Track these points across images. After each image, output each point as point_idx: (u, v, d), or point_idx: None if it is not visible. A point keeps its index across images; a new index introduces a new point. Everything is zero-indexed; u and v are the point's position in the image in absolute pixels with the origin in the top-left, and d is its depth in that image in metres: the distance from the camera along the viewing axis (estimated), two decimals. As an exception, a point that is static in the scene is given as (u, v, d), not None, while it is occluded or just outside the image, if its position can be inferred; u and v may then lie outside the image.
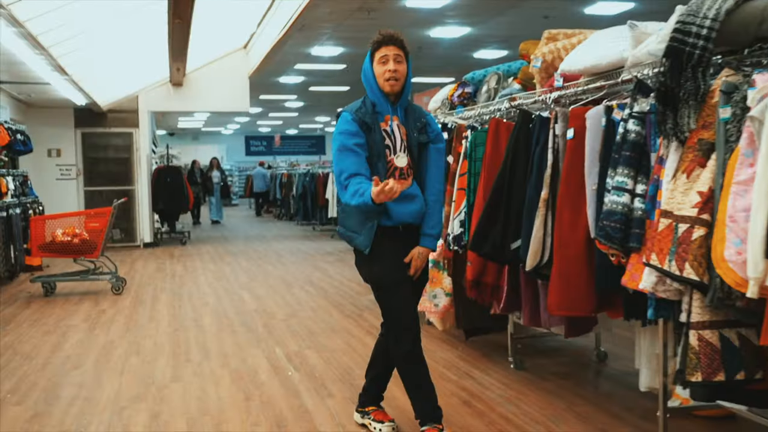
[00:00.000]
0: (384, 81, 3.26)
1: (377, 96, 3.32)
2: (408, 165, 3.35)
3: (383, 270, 3.33)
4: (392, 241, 3.34)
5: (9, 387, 4.50)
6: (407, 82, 3.33)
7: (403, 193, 3.24)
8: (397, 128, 3.35)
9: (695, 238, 2.54)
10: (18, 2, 5.70)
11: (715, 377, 2.61)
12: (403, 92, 3.35)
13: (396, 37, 3.29)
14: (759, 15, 2.58)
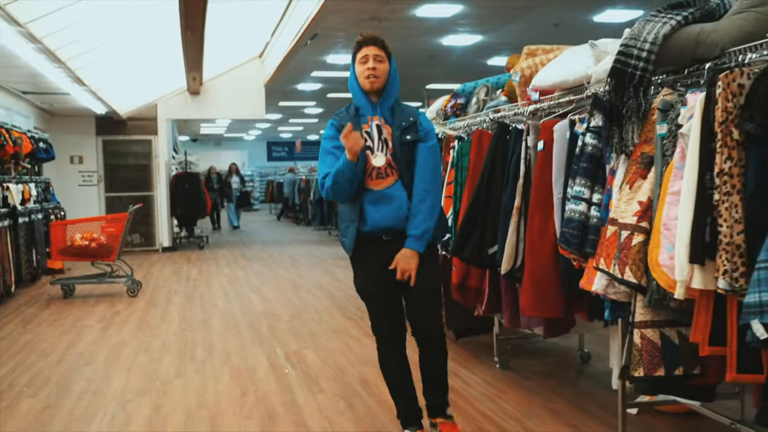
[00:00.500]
0: (364, 79, 3.28)
1: (360, 98, 3.35)
2: (387, 164, 3.31)
3: (360, 281, 3.45)
4: (375, 251, 3.35)
5: (25, 381, 4.81)
6: (391, 82, 3.34)
7: (380, 195, 3.29)
8: (377, 129, 3.34)
9: (635, 244, 2.77)
10: (36, 20, 6.05)
11: (655, 372, 2.82)
12: (385, 91, 3.35)
13: (376, 37, 3.33)
14: (694, 40, 2.80)
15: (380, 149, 3.33)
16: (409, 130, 3.34)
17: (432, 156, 3.36)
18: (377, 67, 3.29)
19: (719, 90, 2.39)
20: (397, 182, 3.32)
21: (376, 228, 3.34)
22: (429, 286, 3.40)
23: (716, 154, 2.38)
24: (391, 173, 3.32)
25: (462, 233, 4.27)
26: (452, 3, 10.44)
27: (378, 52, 3.32)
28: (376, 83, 3.30)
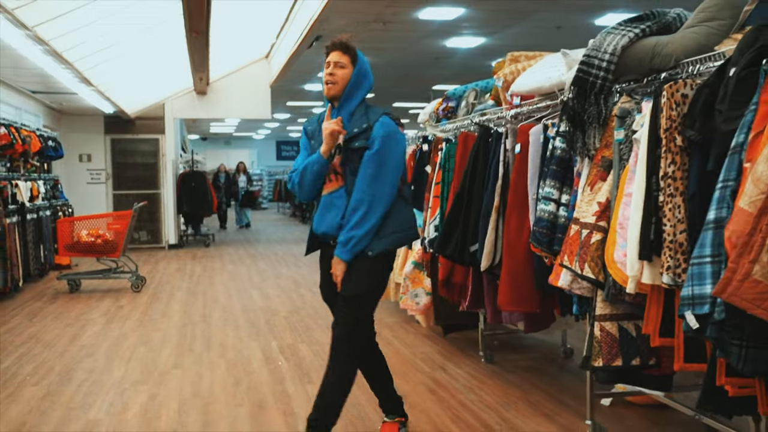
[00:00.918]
0: (324, 84, 3.32)
1: (327, 103, 3.40)
2: (332, 170, 3.33)
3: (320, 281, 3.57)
4: (325, 254, 3.45)
5: (29, 370, 5.04)
6: (351, 87, 3.32)
7: (325, 199, 3.35)
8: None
9: (593, 242, 2.95)
10: (43, 24, 6.27)
11: (613, 362, 3.01)
12: (344, 96, 3.33)
13: (339, 43, 3.33)
14: (650, 51, 2.98)
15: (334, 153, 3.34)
16: (360, 136, 3.27)
17: (373, 164, 3.23)
18: (335, 73, 3.29)
19: (664, 99, 2.57)
20: (340, 189, 3.32)
21: (317, 232, 3.41)
22: (347, 291, 3.30)
23: (661, 159, 2.56)
24: (335, 179, 3.33)
25: (445, 231, 4.46)
26: (454, 6, 10.58)
27: (340, 59, 3.30)
28: (332, 89, 3.30)
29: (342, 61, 3.31)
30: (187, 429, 3.84)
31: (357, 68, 3.35)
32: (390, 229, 3.29)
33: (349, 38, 3.38)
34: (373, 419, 3.96)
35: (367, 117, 3.31)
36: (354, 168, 3.28)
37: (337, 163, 3.32)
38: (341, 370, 3.36)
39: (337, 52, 3.33)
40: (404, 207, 3.38)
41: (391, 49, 13.47)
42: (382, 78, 16.77)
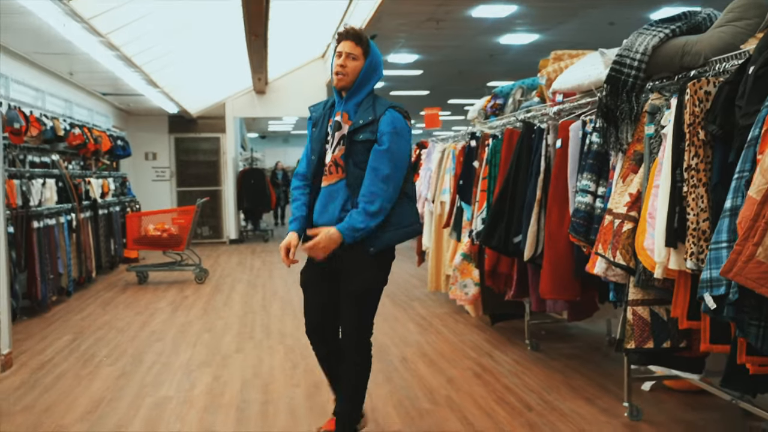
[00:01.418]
0: (333, 74, 3.22)
1: (335, 91, 3.31)
2: (332, 162, 3.26)
3: (302, 271, 3.46)
4: None
5: (105, 353, 5.44)
6: (361, 80, 3.22)
7: (324, 191, 3.28)
8: (336, 125, 3.27)
9: (624, 231, 3.14)
10: (115, 31, 6.71)
11: (645, 345, 3.18)
12: (354, 88, 3.23)
13: (353, 33, 3.23)
14: (680, 50, 3.14)
15: (332, 146, 3.27)
16: (364, 129, 3.18)
17: (384, 161, 3.16)
18: (347, 65, 3.18)
19: (687, 96, 2.74)
20: (340, 181, 3.25)
21: (316, 223, 3.31)
22: (355, 288, 3.24)
23: (685, 152, 2.74)
24: (336, 171, 3.26)
25: (490, 223, 4.67)
26: (507, 3, 10.70)
27: (352, 50, 3.20)
28: (342, 81, 3.20)
29: (354, 53, 3.20)
30: (249, 405, 4.16)
31: (368, 61, 3.23)
32: (391, 226, 3.21)
33: (362, 29, 3.27)
34: (423, 401, 4.20)
35: (374, 110, 3.22)
36: (357, 160, 3.21)
37: (339, 155, 3.23)
38: (365, 360, 3.37)
39: (350, 42, 3.20)
40: (406, 203, 3.28)
41: (445, 46, 13.66)
42: (437, 75, 17.03)
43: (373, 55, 3.25)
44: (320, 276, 3.34)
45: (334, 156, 3.24)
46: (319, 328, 3.40)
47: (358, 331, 3.29)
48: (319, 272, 3.33)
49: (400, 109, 3.26)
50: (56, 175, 7.84)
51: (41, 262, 6.84)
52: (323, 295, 3.36)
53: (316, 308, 3.40)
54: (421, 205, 7.42)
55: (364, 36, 3.24)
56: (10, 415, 4.05)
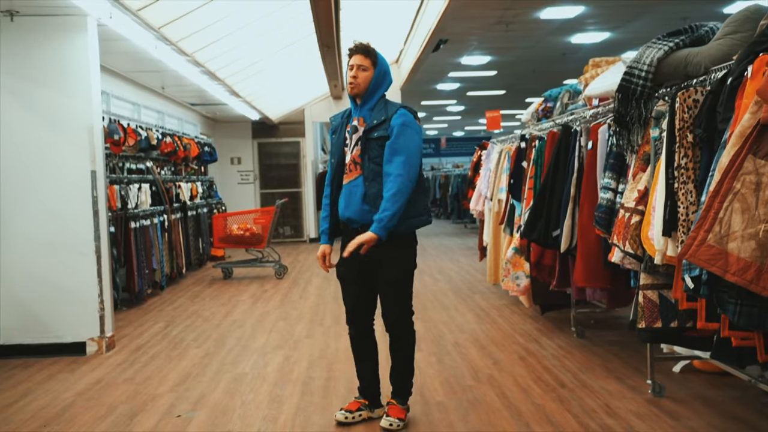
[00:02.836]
0: (348, 85, 3.66)
1: (350, 100, 3.74)
2: (351, 161, 3.68)
3: (338, 264, 3.84)
4: (346, 236, 3.78)
5: (193, 337, 6.15)
6: (373, 87, 3.63)
7: (346, 188, 3.70)
8: (353, 128, 3.70)
9: (632, 223, 3.53)
10: (200, 50, 7.45)
11: (654, 324, 3.57)
12: (366, 95, 3.64)
13: (361, 47, 3.64)
14: (683, 61, 3.50)
15: (350, 148, 3.71)
16: (378, 127, 3.60)
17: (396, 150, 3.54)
18: (358, 76, 3.60)
19: (678, 104, 3.13)
20: (358, 177, 3.64)
21: (343, 218, 3.74)
22: (388, 277, 3.68)
23: (675, 153, 3.12)
24: (355, 169, 3.67)
25: (530, 219, 5.10)
26: (574, 5, 10.92)
27: (362, 62, 3.61)
28: (354, 89, 3.63)
29: (364, 65, 3.61)
30: (313, 381, 4.73)
31: (378, 70, 3.64)
32: (405, 217, 3.61)
33: (368, 43, 3.69)
34: (469, 380, 4.67)
35: (386, 110, 3.64)
36: (372, 156, 3.61)
37: (357, 154, 3.64)
38: (410, 337, 3.86)
39: (359, 55, 3.63)
40: (419, 194, 3.67)
41: (516, 48, 13.95)
42: (511, 75, 17.31)
43: (381, 65, 3.67)
44: (355, 269, 3.75)
45: (353, 156, 3.67)
46: (357, 316, 3.86)
47: (400, 312, 3.78)
48: (353, 266, 3.73)
49: (409, 108, 3.69)
50: (150, 180, 8.66)
51: (138, 259, 7.64)
52: (359, 286, 3.80)
53: (353, 298, 3.85)
54: (482, 203, 7.86)
55: (372, 49, 3.67)
56: (115, 385, 4.76)
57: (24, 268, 5.57)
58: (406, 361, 3.87)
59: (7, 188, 5.53)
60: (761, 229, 2.38)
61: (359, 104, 3.70)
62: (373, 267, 3.72)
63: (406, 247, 3.74)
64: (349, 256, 3.64)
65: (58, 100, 5.56)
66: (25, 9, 5.41)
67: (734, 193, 2.42)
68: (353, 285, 3.83)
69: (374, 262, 3.68)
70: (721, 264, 2.45)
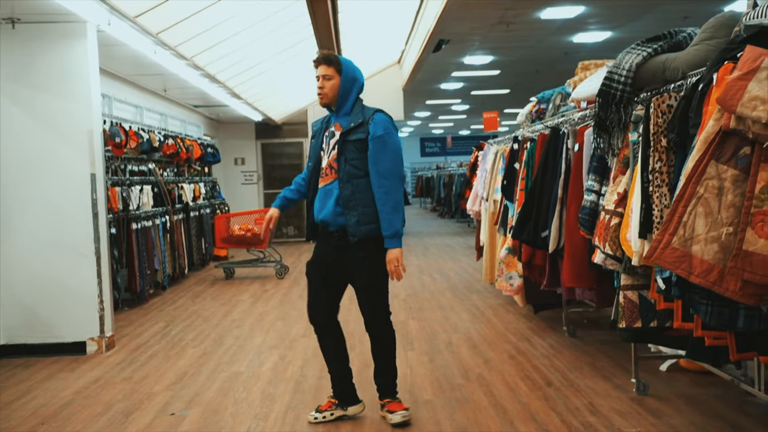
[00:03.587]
0: (317, 95, 3.78)
1: (327, 109, 3.85)
2: (328, 165, 3.77)
3: (308, 263, 4.01)
4: (324, 240, 3.89)
5: (191, 337, 6.26)
6: (343, 93, 3.72)
7: (321, 191, 3.81)
8: (330, 134, 3.82)
9: (612, 225, 3.61)
10: (199, 54, 7.56)
11: (634, 324, 3.65)
12: (339, 101, 3.75)
13: (322, 57, 3.74)
14: (661, 66, 3.58)
15: (326, 152, 3.82)
16: (356, 130, 3.71)
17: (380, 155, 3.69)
18: (324, 86, 3.72)
19: (652, 109, 3.21)
20: (334, 181, 3.75)
21: (317, 220, 3.88)
22: (366, 283, 3.84)
23: (650, 157, 3.20)
24: (330, 173, 3.77)
25: (519, 220, 5.18)
26: (574, 5, 10.95)
27: (326, 71, 3.71)
28: (324, 99, 3.76)
29: (328, 74, 3.71)
30: (306, 380, 4.83)
31: (343, 76, 3.72)
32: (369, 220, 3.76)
33: (330, 52, 3.82)
34: (459, 379, 4.76)
35: (363, 113, 3.75)
36: (349, 158, 3.70)
37: (333, 159, 3.75)
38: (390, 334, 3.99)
39: (322, 66, 3.73)
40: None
41: (518, 47, 14.00)
42: (514, 75, 17.36)
43: (346, 70, 3.73)
44: (324, 269, 3.92)
45: (329, 161, 3.78)
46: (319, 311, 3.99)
47: (378, 314, 3.95)
48: (323, 266, 3.91)
49: (384, 112, 3.82)
50: (152, 181, 8.79)
51: (140, 260, 7.76)
52: (325, 285, 3.94)
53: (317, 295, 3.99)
54: (478, 203, 7.94)
55: (333, 57, 3.76)
56: (112, 384, 4.88)
57: (26, 269, 5.70)
58: (389, 360, 4.00)
59: (8, 190, 5.65)
60: (723, 233, 2.46)
61: (335, 111, 3.82)
62: (344, 272, 3.86)
63: (377, 250, 3.80)
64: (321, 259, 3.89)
65: (59, 104, 5.68)
66: (27, 16, 5.52)
67: (698, 198, 2.50)
68: (319, 284, 3.96)
69: (345, 267, 3.85)
70: (686, 266, 2.53)
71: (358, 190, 3.72)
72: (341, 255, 3.82)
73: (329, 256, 3.87)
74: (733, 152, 2.47)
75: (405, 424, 3.85)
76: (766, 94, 2.34)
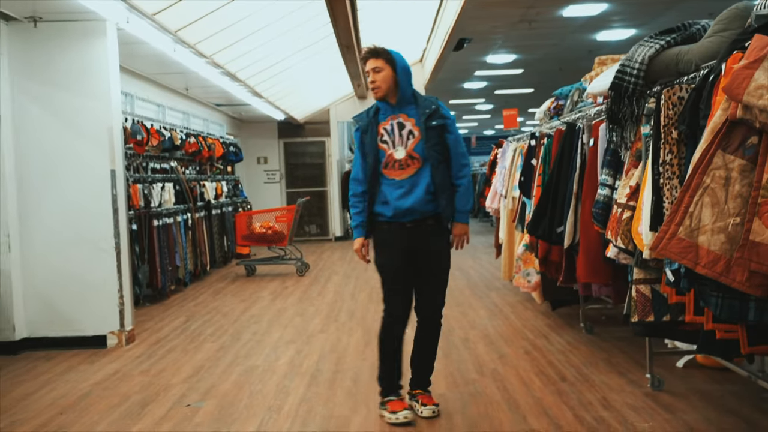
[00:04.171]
0: (372, 91, 3.78)
1: (379, 102, 3.82)
2: (407, 156, 3.73)
3: (383, 260, 3.86)
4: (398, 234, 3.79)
5: (210, 332, 6.32)
6: (398, 82, 3.73)
7: (401, 183, 3.73)
8: (398, 125, 3.77)
9: (624, 218, 3.59)
10: (219, 52, 7.63)
11: (647, 318, 3.62)
12: (399, 91, 3.76)
13: (369, 51, 3.75)
14: (674, 58, 3.55)
15: (401, 144, 3.76)
16: (433, 116, 3.75)
17: (459, 143, 3.85)
18: (376, 79, 3.72)
19: (663, 102, 3.18)
20: (421, 170, 3.74)
21: (399, 212, 3.76)
22: (442, 265, 3.91)
23: (660, 149, 3.18)
24: (413, 163, 3.74)
25: (535, 216, 5.16)
26: (597, 2, 10.89)
27: (376, 64, 3.71)
28: (378, 92, 3.75)
29: (377, 65, 3.72)
30: (321, 373, 4.86)
31: (396, 66, 3.75)
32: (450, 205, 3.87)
33: (375, 45, 3.79)
34: (473, 374, 4.76)
35: (427, 101, 3.83)
36: (432, 143, 3.74)
37: (412, 148, 3.74)
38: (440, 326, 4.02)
39: (370, 60, 3.75)
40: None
41: (541, 45, 13.93)
42: (538, 73, 17.26)
43: (397, 60, 3.77)
44: (402, 260, 3.81)
45: (408, 151, 3.75)
46: (407, 308, 3.88)
47: (442, 300, 3.98)
48: (401, 257, 3.80)
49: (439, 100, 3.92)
50: (174, 179, 8.88)
51: (161, 256, 7.85)
52: (407, 277, 3.85)
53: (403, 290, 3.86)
54: (497, 200, 7.92)
55: (380, 49, 3.77)
56: (130, 376, 4.95)
57: (47, 264, 5.79)
58: (434, 349, 4.04)
59: (31, 187, 5.75)
60: (730, 223, 2.44)
61: (396, 103, 3.79)
62: (415, 260, 3.82)
63: (449, 233, 3.93)
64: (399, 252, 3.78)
65: (79, 102, 5.77)
66: (48, 15, 5.62)
67: (704, 188, 2.48)
68: (402, 276, 3.84)
69: (419, 254, 3.81)
70: (692, 257, 2.51)
71: (445, 174, 3.79)
72: (418, 242, 3.79)
73: (405, 246, 3.79)
74: (740, 142, 2.45)
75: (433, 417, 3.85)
76: (772, 82, 2.32)
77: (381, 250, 3.88)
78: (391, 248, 3.84)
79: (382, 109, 3.84)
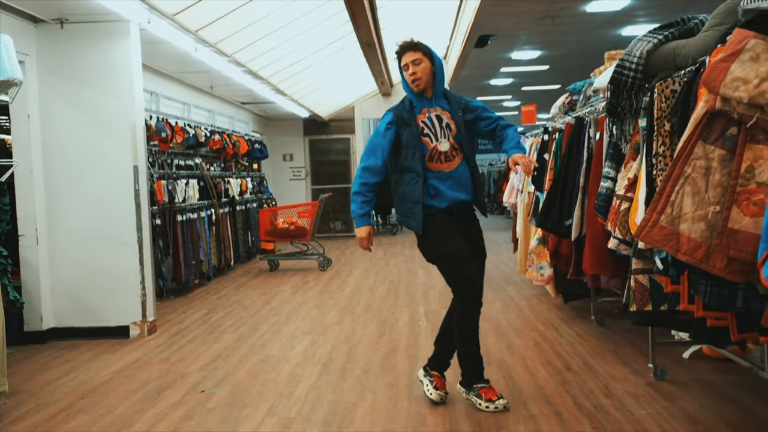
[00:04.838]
0: (411, 84, 3.80)
1: (413, 95, 3.85)
2: (451, 148, 3.83)
3: (449, 249, 3.80)
4: (454, 223, 3.84)
5: (230, 323, 6.50)
6: (436, 75, 3.82)
7: (450, 175, 3.82)
8: (437, 118, 3.83)
9: (622, 209, 3.67)
10: (240, 51, 7.81)
11: (645, 308, 3.69)
12: (436, 84, 3.84)
13: (406, 44, 3.80)
14: (672, 53, 3.61)
15: (443, 135, 3.83)
16: (466, 111, 3.90)
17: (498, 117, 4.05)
18: (416, 71, 3.77)
19: (656, 94, 3.26)
20: (462, 161, 3.86)
21: (454, 203, 3.84)
22: (484, 249, 4.06)
23: (653, 141, 3.25)
24: (457, 154, 3.85)
25: (544, 208, 5.24)
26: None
27: (415, 56, 3.78)
28: (420, 84, 3.80)
29: (417, 57, 3.78)
30: (333, 363, 4.99)
31: (434, 59, 3.84)
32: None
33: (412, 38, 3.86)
34: (477, 361, 4.86)
35: (458, 97, 3.97)
36: (467, 137, 3.90)
37: (454, 142, 3.85)
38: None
39: (408, 52, 3.80)
40: None
41: (565, 41, 13.91)
42: (562, 70, 17.23)
43: (433, 53, 3.86)
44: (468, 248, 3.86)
45: (451, 143, 3.85)
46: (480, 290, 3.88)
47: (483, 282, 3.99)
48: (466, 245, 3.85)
49: None
50: (198, 175, 9.09)
51: (185, 250, 8.05)
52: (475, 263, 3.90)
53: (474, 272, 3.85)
54: (514, 195, 7.99)
55: (417, 42, 3.84)
56: (150, 364, 5.13)
57: (73, 258, 6.01)
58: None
59: (57, 182, 5.98)
60: (710, 211, 2.51)
61: (432, 96, 3.88)
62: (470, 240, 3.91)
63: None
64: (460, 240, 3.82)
65: (103, 100, 5.98)
66: (73, 17, 5.83)
67: (685, 177, 2.56)
68: (474, 263, 3.87)
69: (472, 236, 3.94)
70: (673, 244, 2.59)
71: (476, 166, 3.98)
72: (467, 227, 3.92)
73: (464, 235, 3.88)
74: (720, 133, 2.53)
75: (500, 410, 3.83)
76: (747, 74, 2.39)
77: (442, 242, 3.84)
78: (453, 237, 3.84)
79: (416, 103, 3.88)
